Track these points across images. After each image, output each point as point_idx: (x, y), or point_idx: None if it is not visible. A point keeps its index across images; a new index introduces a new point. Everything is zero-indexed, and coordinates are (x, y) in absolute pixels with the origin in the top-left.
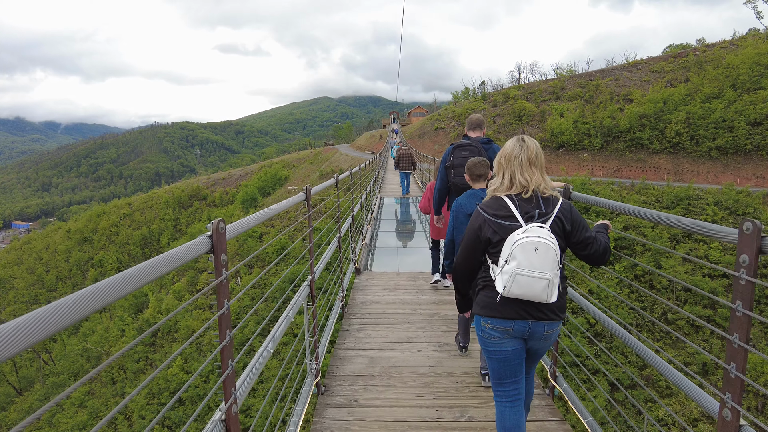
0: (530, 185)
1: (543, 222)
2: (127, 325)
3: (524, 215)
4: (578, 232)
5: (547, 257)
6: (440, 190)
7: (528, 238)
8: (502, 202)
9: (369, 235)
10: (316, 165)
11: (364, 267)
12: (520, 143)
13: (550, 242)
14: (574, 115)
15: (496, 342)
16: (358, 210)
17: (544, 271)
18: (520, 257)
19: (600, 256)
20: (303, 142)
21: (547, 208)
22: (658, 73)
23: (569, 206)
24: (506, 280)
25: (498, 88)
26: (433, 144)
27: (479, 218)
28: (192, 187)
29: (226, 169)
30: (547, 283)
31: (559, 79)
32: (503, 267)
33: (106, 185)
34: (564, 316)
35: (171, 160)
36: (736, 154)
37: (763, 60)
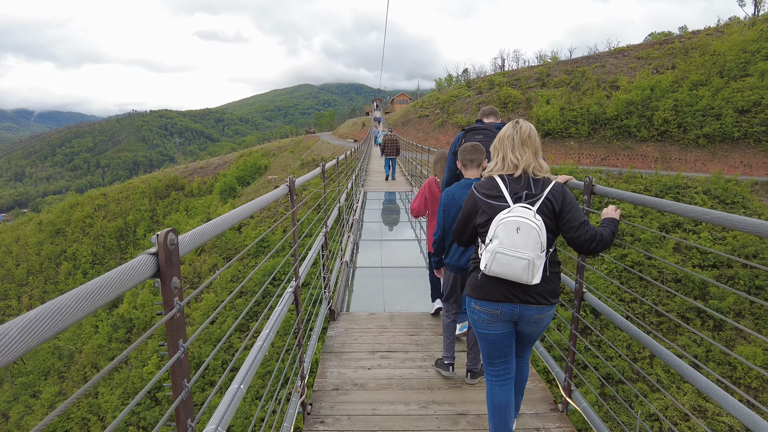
0: (520, 164)
1: (531, 203)
2: (101, 320)
3: (513, 195)
4: (567, 213)
5: (529, 237)
6: (448, 182)
7: (511, 217)
8: (494, 182)
9: (352, 239)
10: (297, 153)
11: (342, 304)
12: (513, 124)
13: (534, 223)
14: (561, 103)
15: (486, 324)
16: (345, 200)
17: (525, 251)
18: (502, 236)
19: (586, 243)
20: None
21: (536, 189)
22: (644, 59)
23: (561, 188)
24: (488, 258)
25: (481, 75)
26: (417, 132)
27: (472, 197)
28: (169, 177)
29: (206, 158)
30: (527, 263)
31: (544, 66)
32: (487, 245)
33: (83, 175)
34: (555, 301)
35: (149, 149)
36: (723, 142)
37: (749, 47)
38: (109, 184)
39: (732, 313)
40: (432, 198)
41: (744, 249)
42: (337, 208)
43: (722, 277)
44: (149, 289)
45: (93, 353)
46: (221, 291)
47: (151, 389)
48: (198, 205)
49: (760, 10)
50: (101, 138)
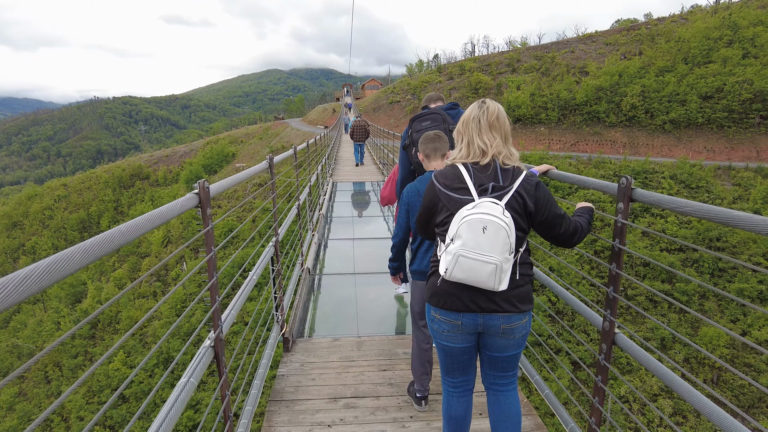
0: (488, 151)
1: (498, 197)
2: (63, 317)
3: (478, 188)
4: (544, 211)
5: (497, 238)
6: (404, 179)
7: (476, 215)
8: (457, 171)
9: (317, 239)
10: (266, 140)
11: (300, 328)
12: (479, 104)
13: (502, 221)
14: (531, 88)
15: (445, 335)
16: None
17: (491, 254)
18: (466, 236)
19: (568, 238)
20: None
21: (505, 180)
22: (612, 45)
23: (535, 181)
24: (449, 261)
25: (452, 60)
26: (389, 118)
27: (432, 189)
28: (133, 166)
29: (172, 146)
30: (494, 268)
31: (514, 51)
32: (448, 246)
33: (42, 164)
34: (527, 308)
35: (113, 137)
36: (688, 128)
37: (712, 34)
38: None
39: (697, 295)
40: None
41: (708, 233)
42: (297, 206)
43: (688, 260)
44: (114, 282)
45: (55, 351)
46: (189, 284)
47: (117, 386)
48: (164, 195)
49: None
50: (61, 126)
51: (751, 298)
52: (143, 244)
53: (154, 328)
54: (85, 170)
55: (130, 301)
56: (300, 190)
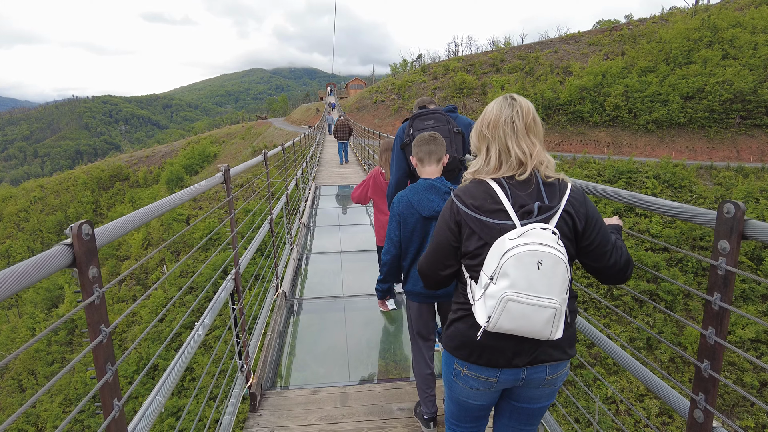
0: (528, 162)
1: (545, 221)
2: (39, 323)
3: (519, 209)
4: (592, 233)
5: (554, 275)
6: (399, 181)
7: (527, 246)
8: (488, 189)
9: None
10: (248, 140)
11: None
12: (510, 102)
13: (560, 253)
14: (515, 88)
15: (470, 393)
16: (293, 188)
17: (549, 295)
18: (515, 275)
19: (621, 271)
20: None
21: (551, 198)
22: (595, 46)
23: (582, 195)
24: (492, 308)
25: (436, 60)
26: (373, 117)
27: (453, 212)
28: (113, 167)
29: (153, 146)
30: (553, 313)
31: (498, 51)
32: (487, 287)
33: (19, 165)
34: (573, 353)
35: (93, 136)
36: (670, 128)
37: (692, 35)
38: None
39: (681, 294)
40: (376, 188)
41: (691, 232)
42: (270, 220)
43: (672, 259)
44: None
45: (29, 358)
46: (170, 287)
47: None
48: (144, 196)
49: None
50: (38, 125)
51: (734, 297)
52: (122, 246)
53: (134, 333)
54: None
55: (110, 306)
56: (273, 202)
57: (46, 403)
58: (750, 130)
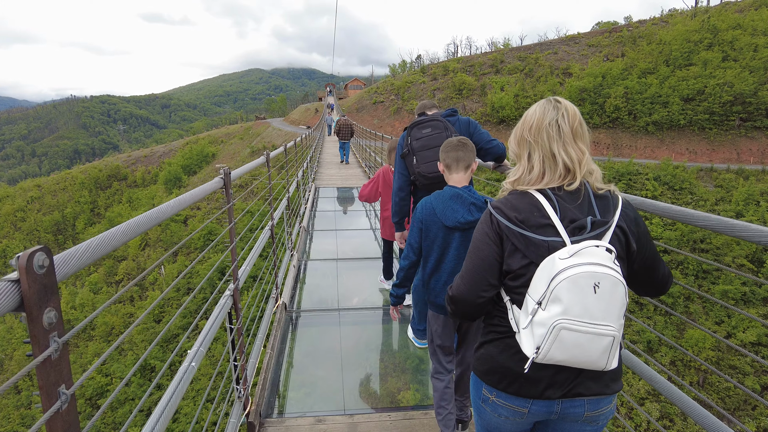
0: (578, 171)
1: (598, 236)
2: None
3: (569, 224)
4: (645, 250)
5: (613, 299)
6: (402, 189)
7: (583, 267)
8: (533, 201)
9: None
10: (247, 140)
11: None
12: (554, 105)
13: (618, 274)
14: (515, 89)
15: (498, 420)
16: (294, 190)
17: (607, 322)
18: (569, 299)
19: (665, 282)
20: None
21: (604, 213)
22: (595, 47)
23: (634, 211)
24: (542, 338)
25: (435, 61)
26: (372, 118)
27: (491, 227)
28: (111, 166)
29: (151, 146)
30: (611, 341)
31: (498, 52)
32: (535, 313)
33: (17, 164)
34: (619, 387)
35: (91, 136)
36: (670, 129)
37: (692, 37)
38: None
39: (682, 297)
40: (386, 186)
41: (692, 234)
42: (270, 226)
43: (672, 261)
44: (89, 287)
45: (26, 359)
46: (166, 288)
47: (92, 396)
48: (142, 196)
49: (699, 1)
50: (36, 125)
51: (735, 300)
52: (120, 247)
53: (131, 335)
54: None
55: (106, 308)
56: (274, 207)
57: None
58: (750, 132)
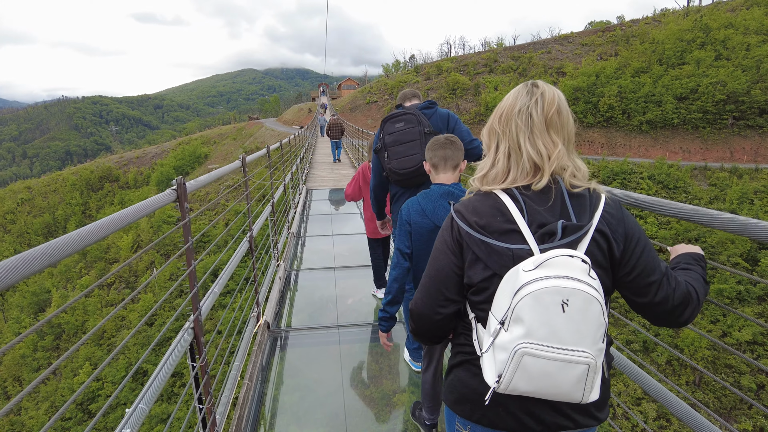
0: (545, 166)
1: (572, 244)
2: (25, 327)
3: (536, 230)
4: (632, 258)
5: (586, 320)
6: (377, 187)
7: (548, 281)
8: (496, 203)
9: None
10: (240, 141)
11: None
12: (529, 89)
13: (592, 289)
14: (509, 89)
15: None
16: (281, 195)
17: (579, 347)
18: (532, 320)
19: (672, 311)
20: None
21: (580, 215)
22: (588, 46)
23: (619, 209)
24: (503, 364)
25: (428, 61)
26: (366, 118)
27: (451, 232)
28: (102, 168)
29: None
30: (586, 369)
31: (491, 52)
32: (497, 334)
33: (7, 166)
34: (605, 416)
35: (83, 137)
36: (664, 128)
37: (685, 36)
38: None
39: None
40: (365, 184)
41: (687, 233)
42: (248, 238)
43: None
44: (80, 289)
45: (14, 365)
46: (159, 291)
47: (83, 401)
48: (134, 198)
49: (691, 1)
50: (27, 126)
51: (730, 298)
52: (111, 249)
53: (123, 337)
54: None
55: (98, 310)
56: (255, 214)
57: (32, 411)
58: (743, 130)
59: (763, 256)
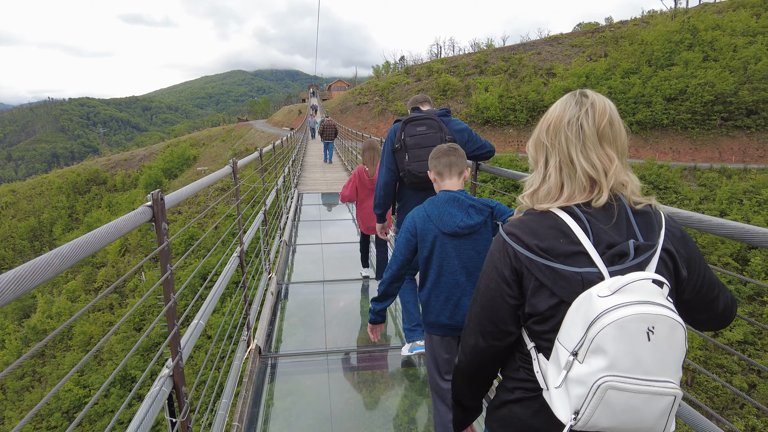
0: (603, 182)
1: (641, 265)
2: (9, 334)
3: (605, 251)
4: (698, 280)
5: (672, 347)
6: (388, 184)
7: (632, 307)
8: (557, 222)
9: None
10: (229, 143)
11: None
12: (578, 99)
13: (676, 314)
14: (499, 90)
15: None
16: (273, 200)
17: (665, 376)
18: (616, 350)
19: (728, 315)
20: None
21: (647, 233)
22: (578, 47)
23: (680, 228)
24: (581, 399)
25: (419, 62)
26: (356, 119)
27: (507, 256)
28: (89, 171)
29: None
30: (671, 401)
31: (481, 53)
32: (570, 367)
33: None
34: None
35: (70, 139)
36: (654, 129)
37: (673, 37)
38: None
39: None
40: (361, 186)
41: None
42: (239, 251)
43: None
44: (66, 294)
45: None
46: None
47: (69, 409)
48: (122, 201)
49: (679, 2)
50: (12, 128)
51: None
52: (99, 253)
53: (110, 343)
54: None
55: (85, 315)
56: (245, 227)
57: (16, 420)
58: (731, 131)
59: (752, 256)
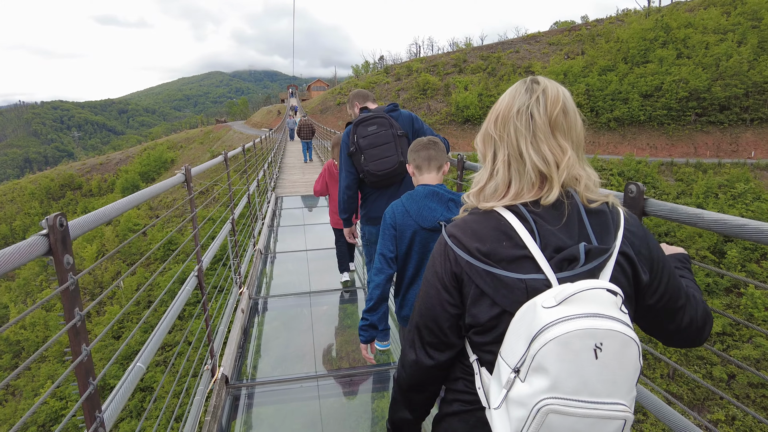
0: (554, 176)
1: (593, 271)
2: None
3: (552, 255)
4: (660, 286)
5: (623, 366)
6: (350, 187)
7: (578, 321)
8: (500, 224)
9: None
10: (207, 145)
11: None
12: (528, 86)
13: (629, 329)
14: (479, 88)
15: None
16: (245, 205)
17: (614, 398)
18: (559, 370)
19: (698, 330)
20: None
21: (602, 235)
22: (555, 45)
23: (641, 227)
24: (521, 422)
25: (398, 61)
26: (336, 119)
27: (447, 260)
28: (64, 176)
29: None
30: (621, 425)
31: (460, 52)
32: (511, 386)
33: None
34: None
35: (43, 144)
36: (631, 125)
37: (647, 35)
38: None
39: None
40: (331, 179)
41: (657, 228)
42: (197, 271)
43: None
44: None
45: None
46: (126, 302)
47: (45, 422)
48: (98, 206)
49: (652, 1)
50: None
51: None
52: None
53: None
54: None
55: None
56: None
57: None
58: (705, 126)
59: (728, 248)
